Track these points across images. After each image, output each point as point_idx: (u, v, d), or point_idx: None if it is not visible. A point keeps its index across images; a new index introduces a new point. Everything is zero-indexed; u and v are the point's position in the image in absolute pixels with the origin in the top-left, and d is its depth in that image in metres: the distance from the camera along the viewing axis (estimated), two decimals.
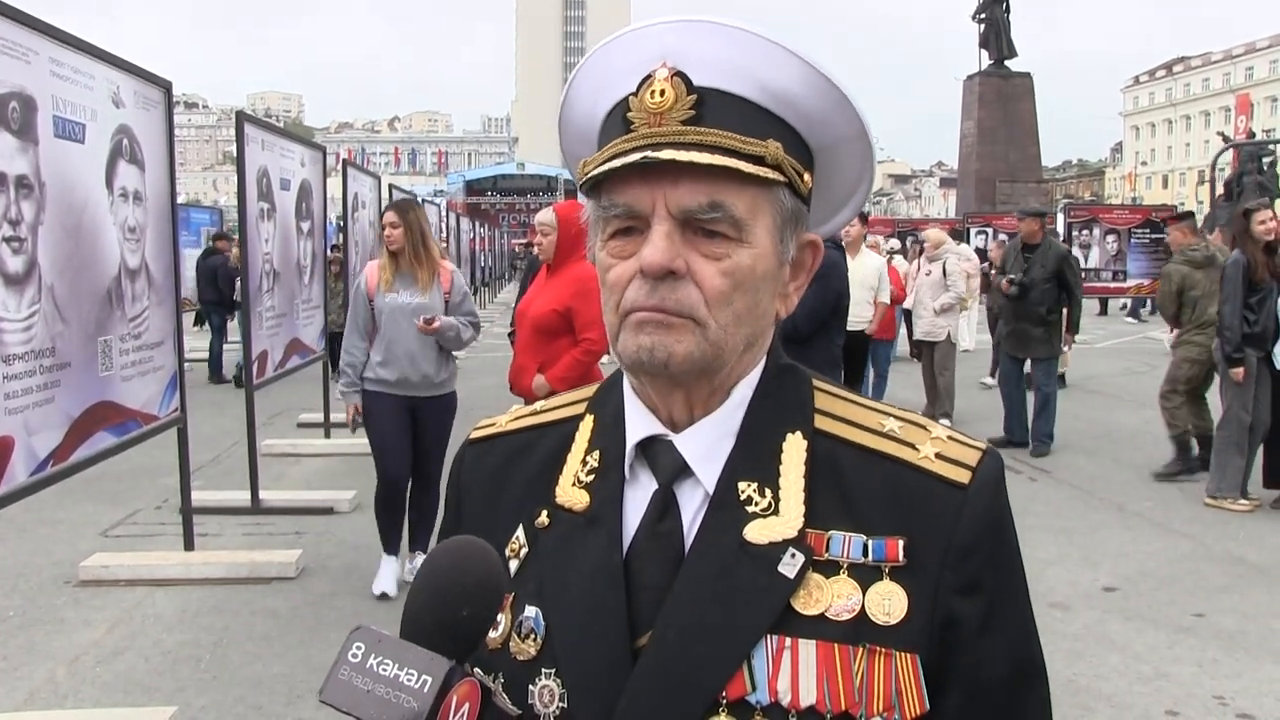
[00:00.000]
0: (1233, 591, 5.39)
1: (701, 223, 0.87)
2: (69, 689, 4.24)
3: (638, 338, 0.88)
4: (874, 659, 0.84)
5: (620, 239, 0.90)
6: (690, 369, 0.88)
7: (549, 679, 0.89)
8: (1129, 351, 16.49)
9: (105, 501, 7.07)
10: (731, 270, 0.87)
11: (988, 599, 0.87)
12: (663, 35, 0.89)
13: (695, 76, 0.87)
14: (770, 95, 0.89)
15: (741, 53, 0.88)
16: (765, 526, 0.87)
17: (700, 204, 0.86)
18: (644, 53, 0.89)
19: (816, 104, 0.90)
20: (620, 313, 0.89)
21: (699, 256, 0.87)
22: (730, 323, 0.88)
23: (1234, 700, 4.11)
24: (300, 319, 7.91)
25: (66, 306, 4.18)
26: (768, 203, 0.89)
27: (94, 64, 4.46)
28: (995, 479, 0.90)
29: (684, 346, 0.87)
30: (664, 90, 0.87)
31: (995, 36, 30.81)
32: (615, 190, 0.88)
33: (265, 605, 5.17)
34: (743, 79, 0.88)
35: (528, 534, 0.97)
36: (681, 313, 0.87)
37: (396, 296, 5.19)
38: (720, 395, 0.93)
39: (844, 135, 0.93)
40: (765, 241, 0.89)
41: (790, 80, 0.89)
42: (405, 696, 0.73)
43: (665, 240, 0.86)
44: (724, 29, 0.88)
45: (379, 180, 12.09)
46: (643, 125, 0.88)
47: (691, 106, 0.87)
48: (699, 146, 0.85)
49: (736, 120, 0.87)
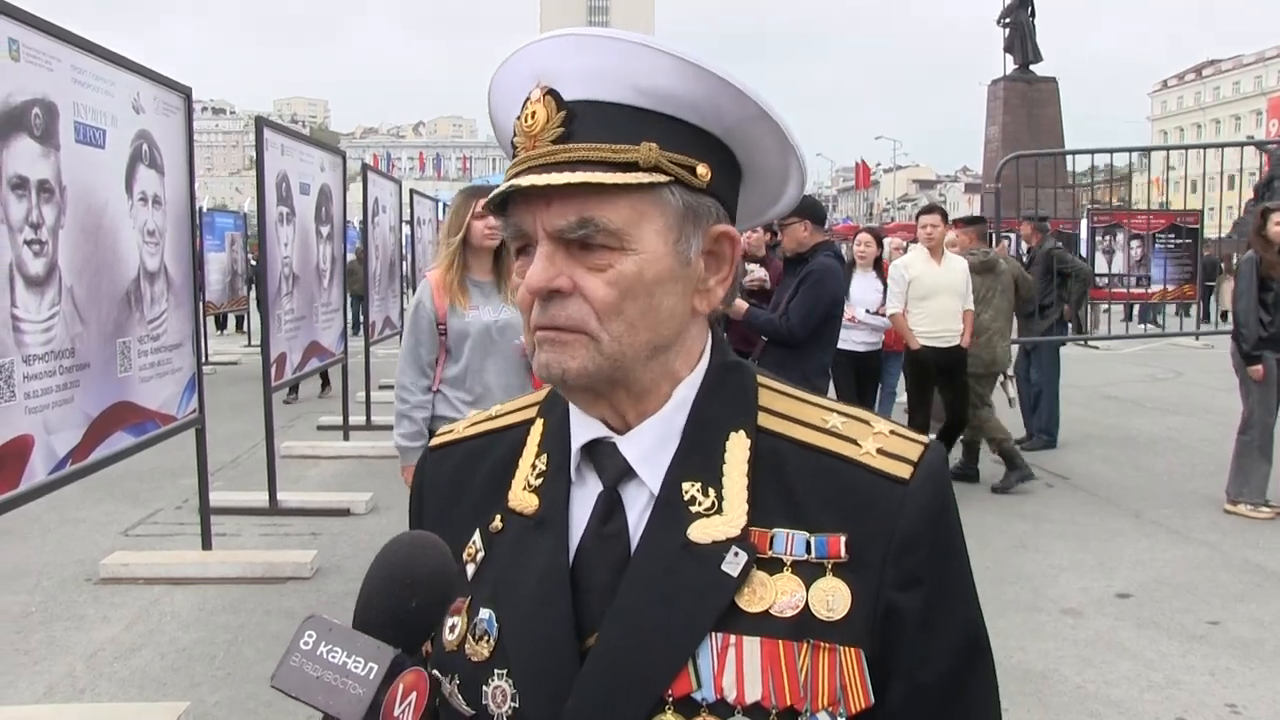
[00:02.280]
0: (1249, 600, 5.34)
1: (575, 240, 0.88)
2: (86, 683, 4.31)
3: (539, 355, 0.90)
4: (818, 654, 0.85)
5: (523, 258, 0.92)
6: (587, 382, 0.90)
7: (501, 680, 0.91)
8: (1151, 358, 16.34)
9: (127, 501, 7.18)
10: (616, 280, 0.88)
11: (928, 593, 0.89)
12: (540, 54, 0.90)
13: (565, 91, 0.88)
14: (645, 95, 0.88)
15: (608, 60, 0.88)
16: (708, 526, 0.89)
17: (570, 223, 0.87)
18: (522, 75, 0.91)
19: (697, 93, 0.89)
20: (531, 330, 0.92)
21: (583, 270, 0.88)
22: (623, 332, 0.89)
23: (1247, 709, 4.07)
24: (319, 322, 7.99)
25: (86, 308, 4.25)
26: (651, 205, 0.89)
27: (115, 71, 4.53)
28: (937, 473, 0.91)
29: (577, 362, 0.88)
30: (535, 112, 0.89)
31: (1020, 41, 30.61)
32: (511, 213, 0.91)
33: (280, 605, 5.23)
34: (612, 85, 0.88)
35: (483, 538, 0.99)
36: (572, 328, 0.88)
37: (479, 314, 4.02)
38: (658, 397, 0.94)
39: (741, 117, 0.92)
40: (655, 244, 0.89)
41: (663, 77, 0.88)
42: (352, 683, 0.75)
43: (546, 261, 0.88)
44: (588, 39, 0.88)
45: (399, 185, 12.19)
46: (523, 149, 0.90)
47: (561, 124, 0.88)
48: (564, 165, 0.87)
49: (607, 129, 0.88)
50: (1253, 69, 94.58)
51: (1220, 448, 8.13)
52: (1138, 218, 16.92)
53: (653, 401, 0.94)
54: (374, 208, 10.23)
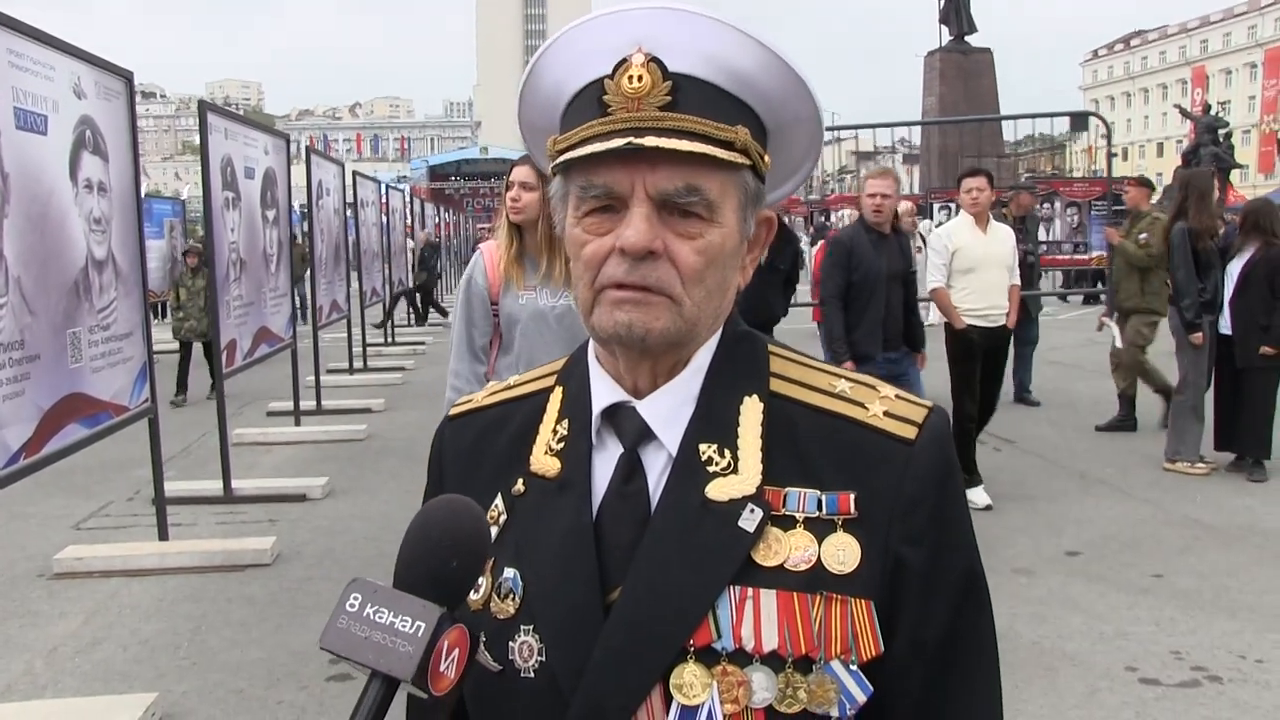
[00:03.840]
0: (1190, 553, 5.55)
1: (678, 205, 0.92)
2: (48, 680, 4.25)
3: (614, 314, 0.93)
4: (831, 605, 0.90)
5: (596, 216, 0.94)
6: (664, 342, 0.94)
7: (527, 635, 0.95)
8: (1088, 323, 16.71)
9: (76, 494, 7.05)
10: (705, 249, 0.93)
11: (933, 547, 0.94)
12: (638, 21, 0.93)
13: (670, 63, 0.91)
14: (737, 81, 0.94)
15: (712, 40, 0.93)
16: (725, 485, 0.93)
17: (677, 188, 0.91)
18: (618, 37, 0.93)
19: (776, 88, 0.95)
20: (596, 288, 0.94)
21: (674, 236, 0.92)
22: (703, 298, 0.94)
23: (1189, 655, 4.25)
24: (268, 307, 7.90)
25: (34, 298, 4.17)
26: (735, 185, 0.95)
27: (55, 55, 4.43)
28: (941, 435, 0.97)
29: (661, 323, 0.93)
30: (641, 76, 0.91)
31: (955, 13, 30.90)
32: (594, 171, 0.93)
33: (242, 592, 5.19)
34: (713, 66, 0.93)
35: (505, 502, 1.02)
36: (660, 290, 0.92)
37: (535, 298, 3.64)
38: (682, 363, 0.99)
39: (799, 117, 0.99)
40: (732, 220, 0.95)
41: (754, 66, 0.94)
42: (400, 641, 0.78)
43: (645, 222, 0.91)
44: (696, 17, 0.92)
45: (343, 167, 12.03)
46: (620, 109, 0.92)
47: (668, 93, 0.91)
48: (677, 133, 0.90)
49: (709, 106, 0.92)
50: (1176, 39, 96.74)
51: (1156, 408, 8.40)
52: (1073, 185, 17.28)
53: (678, 366, 0.99)
54: (318, 190, 10.09)
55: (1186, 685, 4.01)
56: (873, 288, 5.85)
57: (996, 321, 6.44)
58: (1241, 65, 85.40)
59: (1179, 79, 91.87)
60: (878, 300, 5.85)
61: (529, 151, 1.10)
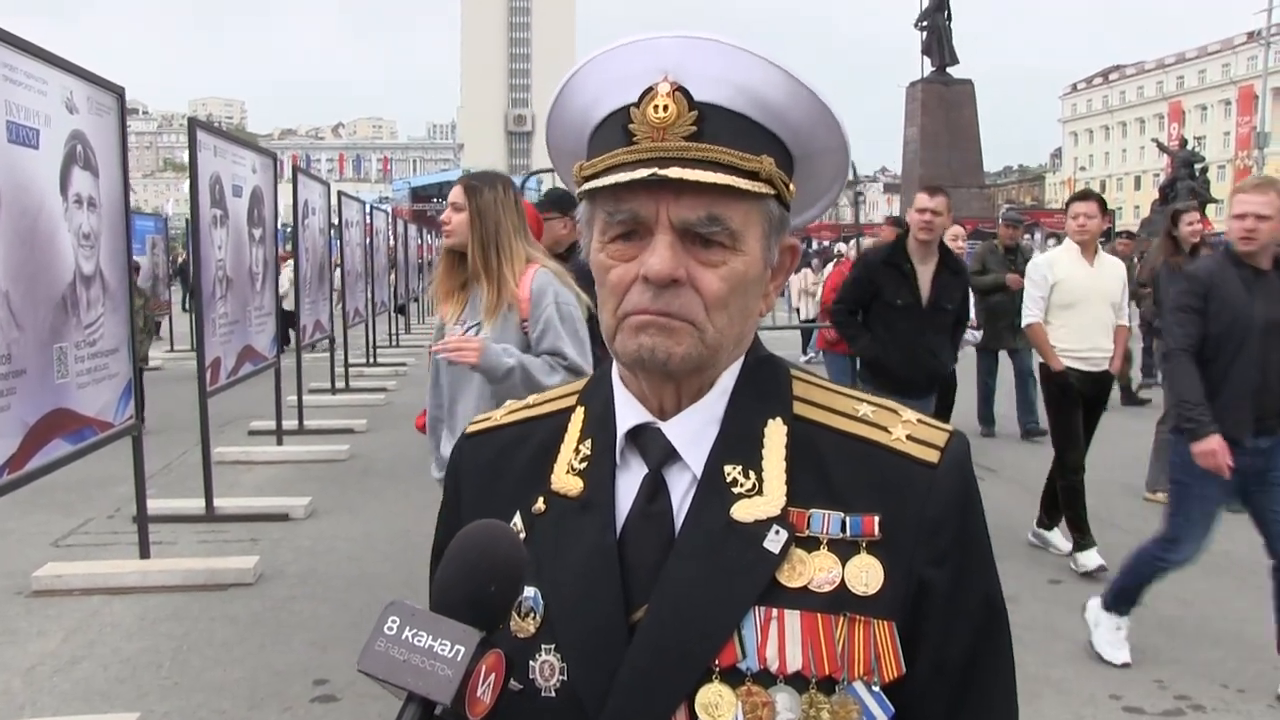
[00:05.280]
0: (1173, 581, 5.52)
1: (700, 234, 0.93)
2: (26, 699, 4.19)
3: (638, 338, 0.94)
4: (854, 627, 0.91)
5: (621, 242, 0.96)
6: (687, 367, 0.95)
7: (549, 654, 0.95)
8: None
9: (56, 511, 6.96)
10: (728, 276, 0.94)
11: (955, 569, 0.95)
12: (667, 49, 0.94)
13: (696, 92, 0.92)
14: (764, 110, 0.95)
15: (739, 70, 0.94)
16: (750, 506, 0.94)
17: (700, 217, 0.92)
18: (646, 65, 0.94)
19: (804, 119, 0.97)
20: (620, 314, 0.96)
21: (698, 264, 0.93)
22: (725, 325, 0.96)
23: (1173, 684, 4.28)
24: (253, 326, 7.86)
25: (22, 313, 4.15)
26: (759, 213, 0.96)
27: (48, 69, 4.43)
28: (962, 459, 0.99)
29: (683, 348, 0.94)
30: (667, 105, 0.92)
31: (937, 44, 31.33)
32: (619, 198, 0.94)
33: (224, 611, 5.14)
34: (740, 95, 0.94)
35: (525, 520, 1.02)
36: (684, 317, 0.94)
37: (457, 330, 3.47)
38: (706, 385, 1.00)
39: (827, 147, 1.00)
40: (756, 249, 0.96)
41: (782, 96, 0.95)
42: (440, 665, 0.78)
43: (669, 250, 0.92)
44: (723, 47, 0.93)
45: (328, 187, 12.03)
46: (645, 138, 0.93)
47: (693, 122, 0.92)
48: (701, 163, 0.91)
49: (734, 136, 0.93)
50: (1154, 74, 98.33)
51: (1138, 440, 8.47)
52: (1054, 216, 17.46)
53: (702, 389, 1.00)
54: (304, 210, 10.08)
55: (1170, 714, 4.03)
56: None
57: (1099, 365, 5.76)
58: (1216, 101, 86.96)
59: (1156, 114, 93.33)
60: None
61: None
